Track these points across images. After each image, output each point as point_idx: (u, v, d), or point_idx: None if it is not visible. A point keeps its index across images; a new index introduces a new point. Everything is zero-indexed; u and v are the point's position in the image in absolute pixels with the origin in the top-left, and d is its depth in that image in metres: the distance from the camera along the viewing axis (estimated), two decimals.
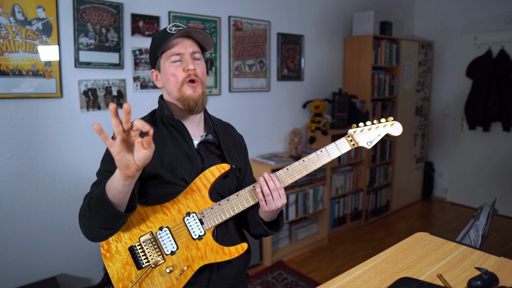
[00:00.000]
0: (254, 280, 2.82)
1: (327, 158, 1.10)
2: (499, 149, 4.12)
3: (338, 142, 1.10)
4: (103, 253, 1.09)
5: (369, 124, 1.11)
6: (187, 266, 1.08)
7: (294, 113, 3.50)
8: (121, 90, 2.45)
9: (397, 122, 1.11)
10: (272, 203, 1.07)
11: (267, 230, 1.17)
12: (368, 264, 0.90)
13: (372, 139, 1.10)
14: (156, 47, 1.14)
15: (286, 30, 3.32)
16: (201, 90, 1.14)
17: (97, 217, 0.96)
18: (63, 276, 2.33)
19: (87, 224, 1.00)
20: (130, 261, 1.08)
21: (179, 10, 2.65)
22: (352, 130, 1.10)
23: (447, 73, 4.53)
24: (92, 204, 0.97)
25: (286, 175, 1.10)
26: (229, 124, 1.36)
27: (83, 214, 1.01)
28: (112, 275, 1.08)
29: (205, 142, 1.18)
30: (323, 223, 3.48)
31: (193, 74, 1.12)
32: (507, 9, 3.94)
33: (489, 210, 1.19)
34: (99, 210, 0.94)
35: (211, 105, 2.87)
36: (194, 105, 1.12)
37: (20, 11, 2.03)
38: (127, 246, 1.09)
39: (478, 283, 0.76)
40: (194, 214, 1.10)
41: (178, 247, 1.09)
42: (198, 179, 1.12)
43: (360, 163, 3.82)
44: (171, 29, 1.13)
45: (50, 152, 2.23)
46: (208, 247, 1.09)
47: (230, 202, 1.11)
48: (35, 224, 2.21)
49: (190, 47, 1.13)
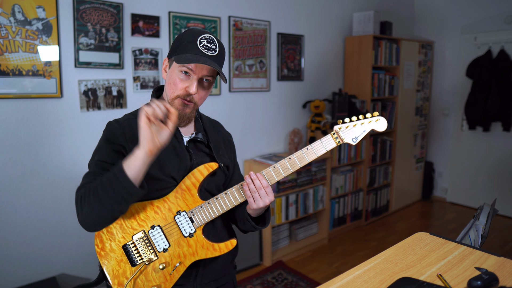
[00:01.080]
0: (254, 280, 2.82)
1: (313, 155, 1.12)
2: (499, 149, 4.12)
3: (323, 140, 1.11)
4: (98, 251, 1.12)
5: (355, 120, 1.11)
6: (179, 262, 1.12)
7: (294, 113, 3.50)
8: (121, 90, 2.45)
9: (382, 117, 1.10)
10: (259, 200, 1.09)
11: (254, 226, 1.21)
12: (368, 264, 0.90)
13: (357, 135, 1.10)
14: (177, 48, 1.11)
15: (286, 30, 3.32)
16: (190, 110, 1.14)
17: (109, 200, 0.99)
18: (63, 276, 2.33)
19: (92, 209, 1.00)
20: (124, 258, 1.11)
21: (179, 10, 2.65)
22: (337, 127, 1.11)
23: (447, 73, 4.53)
24: (104, 186, 0.99)
25: (273, 173, 1.12)
26: (218, 122, 1.38)
27: (88, 199, 1.00)
28: (108, 272, 1.11)
29: (194, 140, 1.20)
30: (323, 223, 3.48)
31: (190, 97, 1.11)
32: (507, 9, 3.94)
33: (489, 210, 1.19)
34: (114, 190, 0.98)
35: (211, 105, 2.87)
36: (179, 118, 1.13)
37: (20, 11, 2.03)
38: (120, 244, 1.12)
39: (478, 283, 0.76)
40: (184, 212, 1.13)
41: (170, 245, 1.12)
42: (187, 178, 1.14)
43: (360, 163, 3.82)
44: (202, 42, 1.09)
45: (50, 152, 2.23)
46: (198, 244, 1.13)
47: (219, 200, 1.14)
48: (35, 224, 2.21)
49: (204, 70, 1.10)
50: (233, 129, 3.03)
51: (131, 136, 1.12)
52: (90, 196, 1.00)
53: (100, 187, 0.99)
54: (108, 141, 1.14)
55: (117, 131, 1.13)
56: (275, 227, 3.17)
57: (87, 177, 1.09)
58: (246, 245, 2.94)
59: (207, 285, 1.20)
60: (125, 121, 1.16)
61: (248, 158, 3.19)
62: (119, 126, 1.14)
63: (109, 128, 1.16)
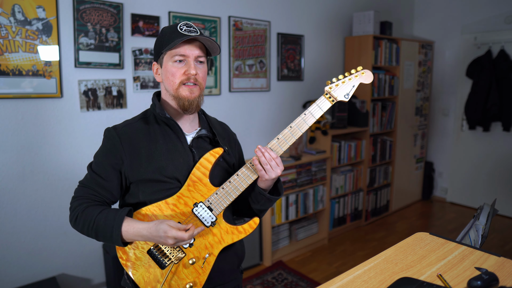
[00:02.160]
0: (254, 280, 2.82)
1: (311, 119, 1.16)
2: (499, 149, 4.12)
3: (318, 101, 1.15)
4: (123, 263, 1.13)
5: (342, 77, 1.15)
6: (208, 253, 1.12)
7: (294, 113, 3.49)
8: (121, 90, 2.45)
9: (367, 70, 1.16)
10: (271, 171, 1.13)
11: (269, 197, 1.21)
12: (368, 264, 0.90)
13: (348, 91, 1.15)
14: (163, 43, 1.14)
15: (286, 30, 3.32)
16: (198, 93, 1.16)
17: (99, 239, 1.11)
18: (63, 276, 2.33)
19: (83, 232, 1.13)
20: (152, 263, 1.11)
21: (179, 10, 2.65)
22: (328, 87, 1.15)
23: (447, 73, 4.53)
24: (99, 230, 1.09)
25: (278, 145, 1.16)
26: (224, 123, 1.41)
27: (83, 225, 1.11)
28: (138, 281, 1.12)
29: (198, 137, 1.21)
30: (323, 223, 3.48)
31: (193, 78, 1.13)
32: (507, 9, 3.94)
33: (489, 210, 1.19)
34: (105, 239, 1.09)
35: (211, 105, 2.87)
36: (189, 106, 1.14)
37: (20, 11, 2.03)
38: (145, 250, 1.12)
39: (478, 283, 0.76)
40: (201, 203, 1.13)
41: (195, 238, 1.12)
42: (196, 169, 1.15)
43: (360, 163, 3.82)
44: (182, 28, 1.13)
45: (50, 152, 2.23)
46: (222, 230, 1.14)
47: (232, 183, 1.14)
48: (35, 224, 2.21)
49: (196, 50, 1.13)
50: (233, 129, 3.01)
51: (129, 144, 1.14)
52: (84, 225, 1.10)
53: (95, 228, 1.09)
54: (107, 153, 1.15)
55: (115, 141, 1.14)
56: (275, 227, 3.17)
57: (81, 188, 1.16)
58: (246, 245, 2.92)
59: None
60: (123, 128, 1.17)
61: (248, 158, 3.19)
62: (116, 134, 1.15)
63: (108, 137, 1.17)
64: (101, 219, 1.08)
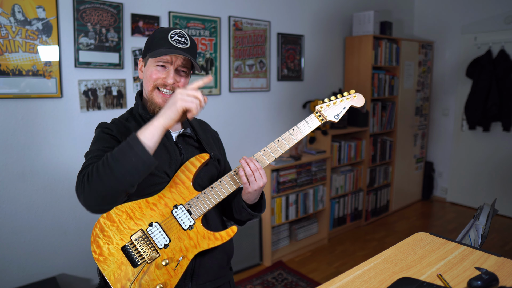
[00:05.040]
0: (254, 280, 2.82)
1: (299, 135, 1.16)
2: (499, 149, 4.12)
3: (308, 119, 1.16)
4: (96, 257, 1.10)
5: (334, 98, 1.17)
6: (182, 256, 1.11)
7: (294, 113, 3.49)
8: (121, 90, 2.45)
9: (359, 94, 1.17)
10: (254, 183, 1.13)
11: (251, 213, 1.23)
12: (368, 264, 0.90)
13: (338, 113, 1.17)
14: (150, 46, 1.16)
15: (286, 30, 3.32)
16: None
17: (121, 170, 0.94)
18: (63, 276, 2.33)
19: (101, 182, 0.95)
20: (125, 260, 1.10)
21: (179, 10, 2.65)
22: (319, 106, 1.16)
23: (447, 73, 4.53)
24: (117, 156, 0.95)
25: (263, 156, 1.16)
26: (204, 121, 1.42)
27: (98, 173, 0.95)
28: (108, 277, 1.09)
29: (183, 135, 1.23)
30: (323, 223, 3.48)
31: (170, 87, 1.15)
32: (507, 9, 3.94)
33: (489, 210, 1.19)
34: (127, 159, 0.94)
35: (211, 105, 2.87)
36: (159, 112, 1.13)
37: (20, 11, 2.03)
38: (119, 246, 1.10)
39: (478, 283, 0.76)
40: (181, 205, 1.13)
41: (171, 240, 1.11)
42: (180, 172, 1.15)
43: (360, 163, 3.82)
44: (173, 36, 1.15)
45: (50, 152, 2.23)
46: (199, 235, 1.13)
47: (214, 189, 1.15)
48: (35, 224, 2.21)
49: (179, 61, 1.15)
50: (233, 129, 3.03)
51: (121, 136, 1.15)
52: (99, 169, 0.95)
53: (111, 158, 0.95)
54: (105, 132, 1.16)
55: (111, 126, 1.17)
56: (275, 227, 3.17)
57: (89, 160, 1.05)
58: (246, 245, 2.94)
59: (203, 286, 1.20)
60: (114, 124, 1.19)
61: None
62: (110, 125, 1.18)
63: (103, 124, 1.19)
64: (113, 150, 0.98)
